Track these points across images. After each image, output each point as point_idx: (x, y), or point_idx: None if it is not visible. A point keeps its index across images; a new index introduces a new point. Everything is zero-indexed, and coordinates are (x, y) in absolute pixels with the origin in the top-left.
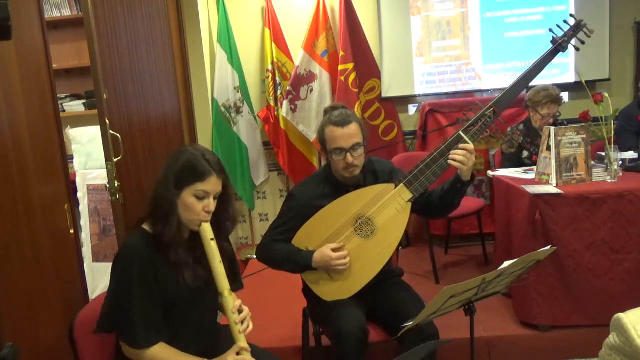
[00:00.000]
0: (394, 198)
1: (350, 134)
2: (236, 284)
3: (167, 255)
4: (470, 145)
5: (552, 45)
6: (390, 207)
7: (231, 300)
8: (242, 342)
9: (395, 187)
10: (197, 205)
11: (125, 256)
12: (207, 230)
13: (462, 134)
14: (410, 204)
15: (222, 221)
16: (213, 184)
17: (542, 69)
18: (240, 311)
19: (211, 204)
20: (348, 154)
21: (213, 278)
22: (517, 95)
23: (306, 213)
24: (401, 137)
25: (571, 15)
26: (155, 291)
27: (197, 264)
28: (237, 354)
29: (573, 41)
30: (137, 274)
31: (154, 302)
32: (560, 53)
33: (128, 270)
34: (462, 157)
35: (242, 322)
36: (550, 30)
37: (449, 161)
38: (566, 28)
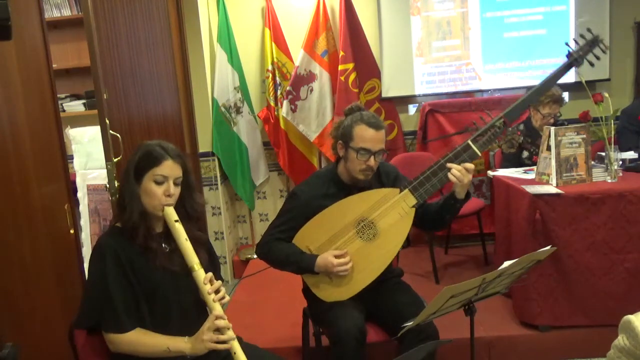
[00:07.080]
0: (398, 203)
1: (380, 138)
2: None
3: (137, 241)
4: (471, 165)
5: (567, 59)
6: (393, 212)
7: (202, 273)
8: (218, 310)
9: (400, 191)
10: (157, 190)
11: (97, 252)
12: (170, 213)
13: (470, 143)
14: (414, 209)
15: (189, 207)
16: (169, 167)
17: (555, 83)
18: (212, 283)
19: (171, 187)
20: (372, 157)
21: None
22: (527, 107)
23: (308, 212)
24: (401, 137)
25: (588, 30)
26: (132, 280)
27: (174, 253)
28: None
29: (588, 56)
30: (111, 266)
31: (132, 290)
32: (561, 54)
33: (102, 263)
34: (459, 172)
35: (215, 293)
36: (566, 44)
37: (448, 175)
38: (582, 42)
